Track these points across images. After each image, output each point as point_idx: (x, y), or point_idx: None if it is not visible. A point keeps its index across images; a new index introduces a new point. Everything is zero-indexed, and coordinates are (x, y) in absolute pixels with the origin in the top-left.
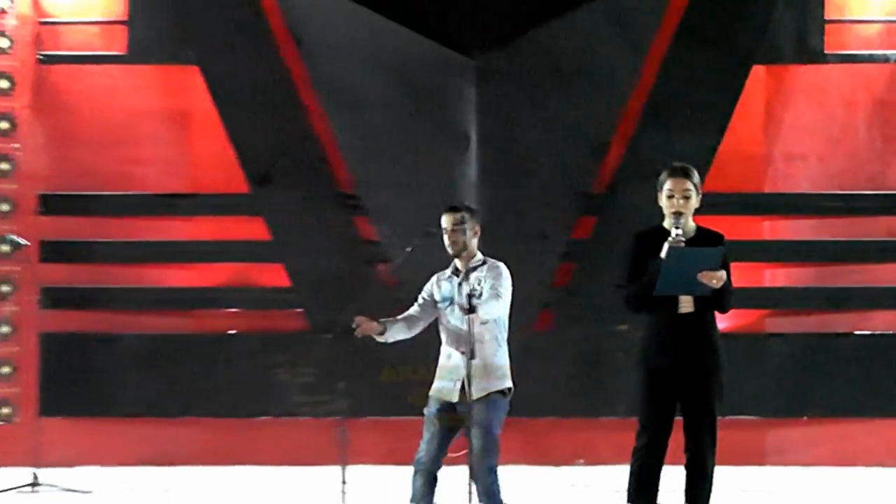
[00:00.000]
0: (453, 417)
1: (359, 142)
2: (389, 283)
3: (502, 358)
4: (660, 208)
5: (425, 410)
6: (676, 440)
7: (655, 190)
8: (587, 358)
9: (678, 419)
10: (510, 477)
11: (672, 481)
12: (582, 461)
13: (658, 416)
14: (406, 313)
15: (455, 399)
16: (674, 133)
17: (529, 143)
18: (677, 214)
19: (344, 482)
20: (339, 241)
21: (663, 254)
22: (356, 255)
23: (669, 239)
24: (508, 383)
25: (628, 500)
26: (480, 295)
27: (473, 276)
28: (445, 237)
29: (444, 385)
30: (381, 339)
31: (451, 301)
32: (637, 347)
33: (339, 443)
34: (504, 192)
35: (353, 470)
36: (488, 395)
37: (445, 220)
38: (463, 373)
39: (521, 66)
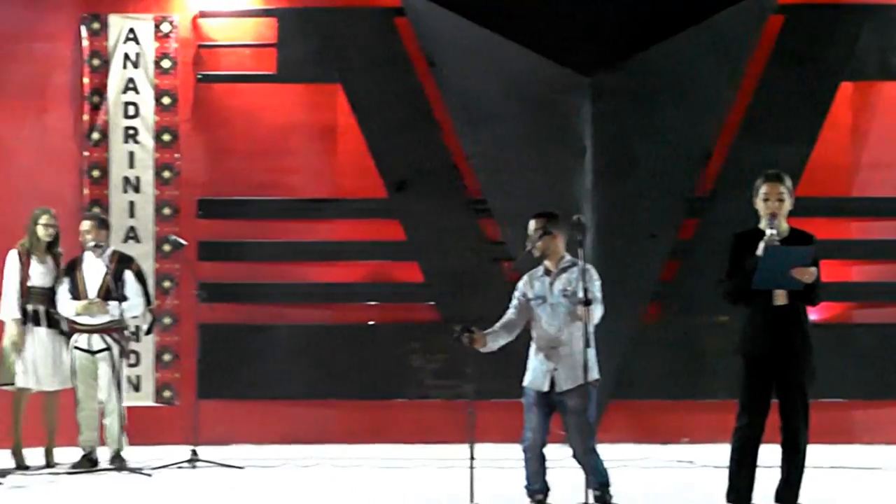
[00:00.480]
0: (547, 404)
1: (485, 152)
2: (512, 278)
3: (589, 353)
4: (756, 211)
5: (523, 400)
6: (773, 420)
7: (752, 194)
8: (691, 346)
9: (774, 401)
10: (621, 453)
11: (769, 458)
12: (686, 439)
13: (756, 398)
14: (504, 320)
15: (546, 389)
16: (769, 143)
17: (639, 152)
18: (772, 216)
19: (472, 458)
20: (467, 241)
21: (760, 252)
22: (483, 253)
23: (765, 238)
24: (596, 375)
25: (730, 476)
26: (574, 293)
27: (564, 276)
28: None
29: (536, 377)
30: (484, 350)
31: (543, 299)
32: (736, 336)
33: (468, 422)
34: (617, 197)
35: (478, 447)
36: (578, 385)
37: (530, 226)
38: (552, 364)
39: (632, 83)
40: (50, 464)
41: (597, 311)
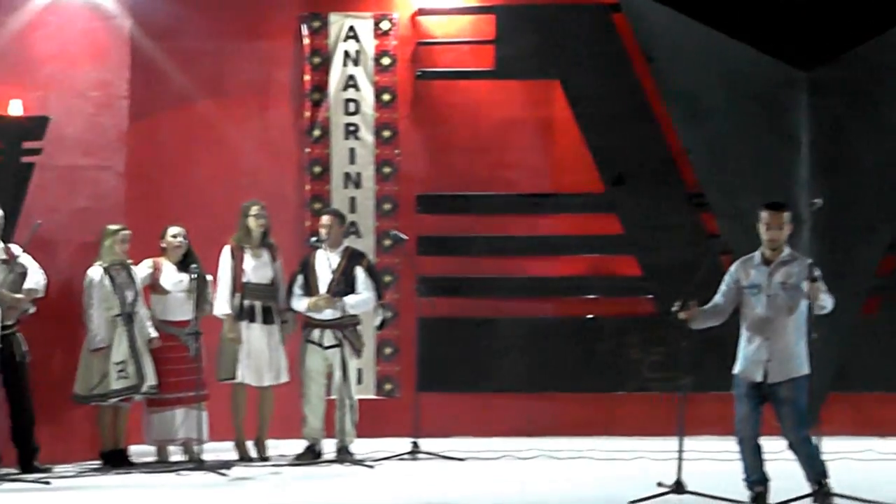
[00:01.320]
0: (759, 394)
1: (703, 146)
2: None
3: (802, 347)
4: None
5: (734, 391)
6: None
7: None
8: None
9: None
10: (841, 446)
11: None
12: None
13: None
14: (712, 304)
15: (759, 379)
16: None
17: (857, 145)
18: None
19: (681, 450)
20: (685, 234)
21: None
22: (701, 247)
23: None
24: (807, 370)
25: None
26: (795, 286)
27: (784, 268)
28: (766, 232)
29: (748, 367)
30: (693, 326)
31: (759, 288)
32: None
33: (678, 413)
34: (834, 190)
35: (697, 440)
36: (791, 379)
37: (769, 217)
38: (766, 355)
39: (849, 77)
40: (262, 456)
41: (828, 301)
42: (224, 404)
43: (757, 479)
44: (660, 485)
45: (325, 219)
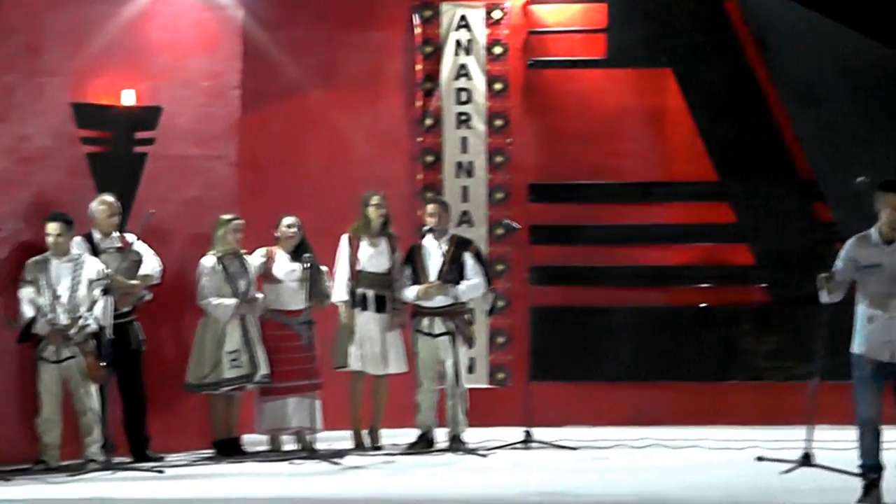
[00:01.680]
0: (883, 375)
1: (817, 135)
2: None
3: None
4: None
5: (855, 372)
6: None
7: None
8: None
9: None
10: None
11: None
12: None
13: None
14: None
15: (886, 359)
16: None
17: None
18: None
19: (809, 440)
20: (798, 223)
21: None
22: (814, 235)
23: None
24: None
25: None
26: None
27: None
28: (890, 213)
29: (873, 346)
30: (825, 301)
31: (879, 266)
32: None
33: (808, 404)
34: None
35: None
36: None
37: (892, 198)
38: (891, 335)
39: None
40: (375, 444)
41: None
42: (336, 392)
43: (872, 466)
44: (759, 459)
45: (430, 208)
